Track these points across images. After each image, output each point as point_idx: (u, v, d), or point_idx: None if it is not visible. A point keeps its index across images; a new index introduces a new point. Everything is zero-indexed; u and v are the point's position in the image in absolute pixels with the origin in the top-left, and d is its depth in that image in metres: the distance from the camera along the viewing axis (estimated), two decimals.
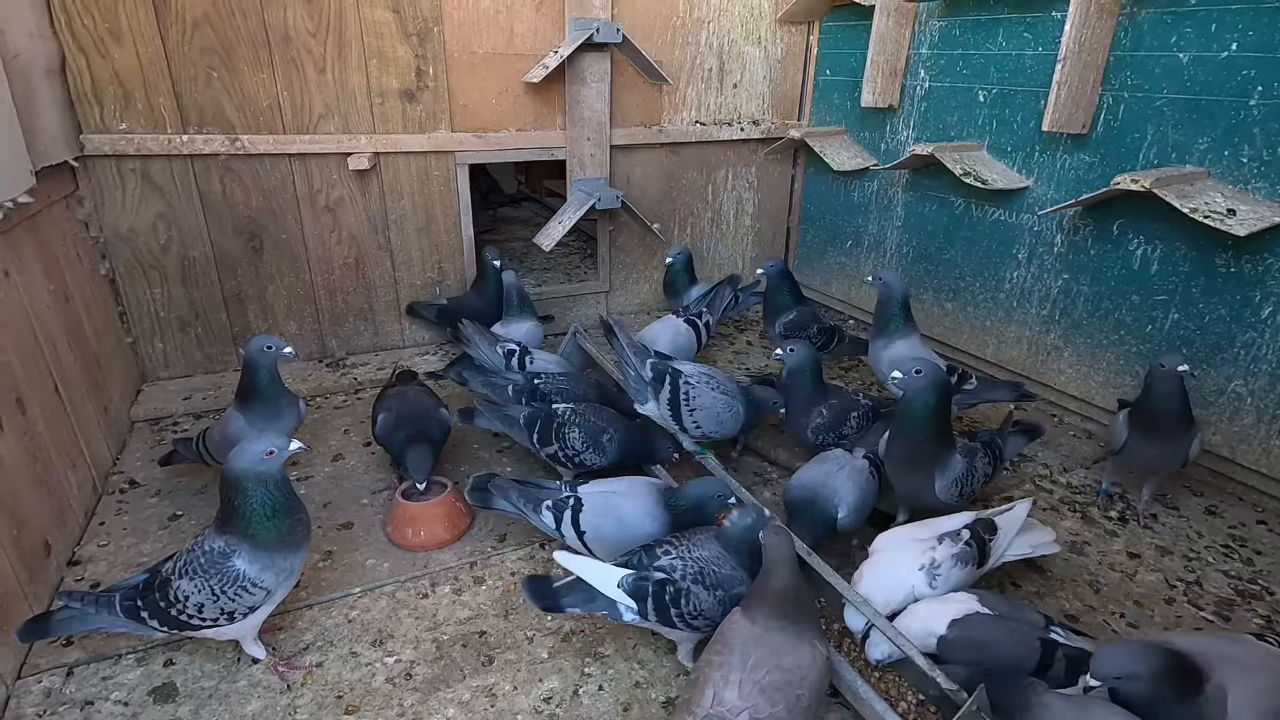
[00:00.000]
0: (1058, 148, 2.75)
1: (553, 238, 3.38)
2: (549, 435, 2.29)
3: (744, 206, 4.04)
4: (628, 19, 3.32)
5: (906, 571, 1.75)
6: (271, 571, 1.60)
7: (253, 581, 1.58)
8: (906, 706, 1.64)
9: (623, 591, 1.61)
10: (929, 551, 1.76)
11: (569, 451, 2.28)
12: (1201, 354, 2.44)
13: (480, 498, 2.03)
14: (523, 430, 2.32)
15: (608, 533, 1.92)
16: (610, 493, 1.99)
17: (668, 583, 1.61)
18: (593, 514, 1.93)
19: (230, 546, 1.58)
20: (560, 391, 2.51)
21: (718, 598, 1.62)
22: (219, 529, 1.61)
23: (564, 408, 2.34)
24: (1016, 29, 2.81)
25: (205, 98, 2.77)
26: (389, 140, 3.07)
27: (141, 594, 1.60)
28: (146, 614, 1.58)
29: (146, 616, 1.58)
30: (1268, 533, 2.28)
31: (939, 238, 3.31)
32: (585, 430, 2.27)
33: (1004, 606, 1.66)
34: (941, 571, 1.74)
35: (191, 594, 1.56)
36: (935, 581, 1.73)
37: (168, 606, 1.57)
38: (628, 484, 2.03)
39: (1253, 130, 2.22)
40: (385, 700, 1.65)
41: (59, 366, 2.21)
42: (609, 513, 1.93)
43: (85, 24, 2.53)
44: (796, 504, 2.08)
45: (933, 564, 1.74)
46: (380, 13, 2.91)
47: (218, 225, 2.94)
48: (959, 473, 2.00)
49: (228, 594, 1.57)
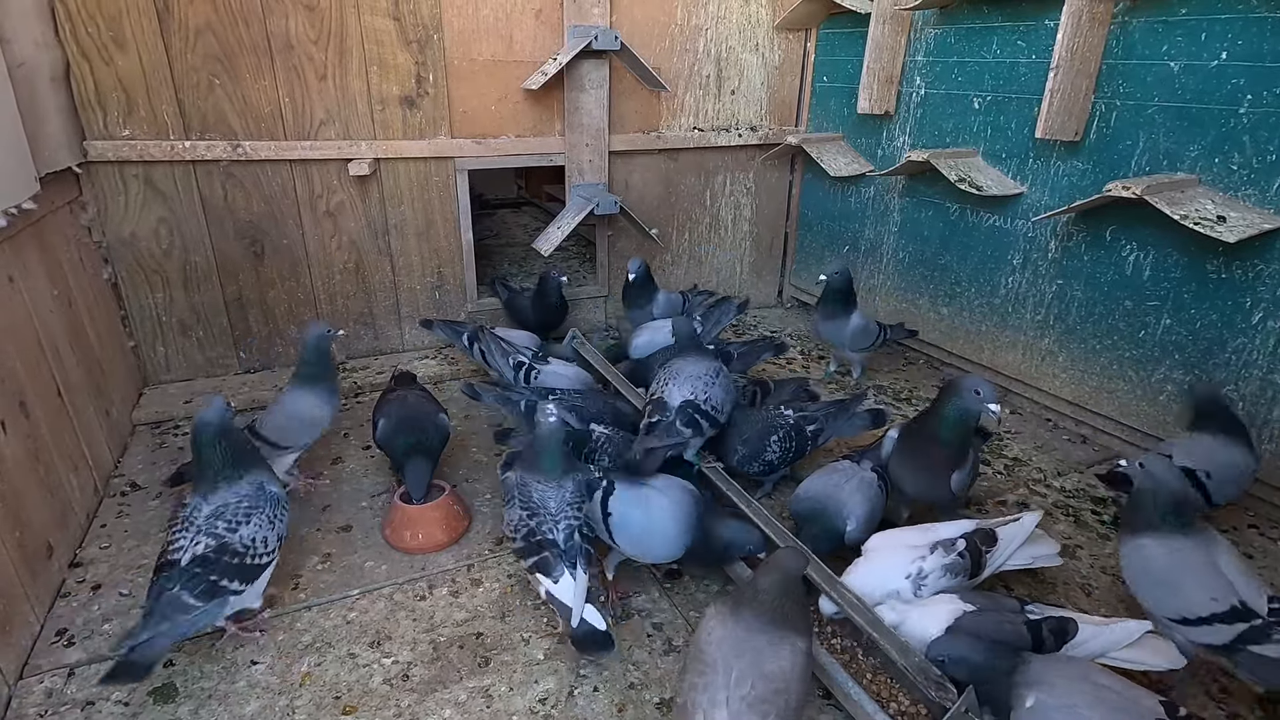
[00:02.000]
0: (1051, 154, 2.78)
1: (552, 242, 3.41)
2: (579, 457, 2.20)
3: (742, 212, 4.07)
4: (626, 26, 3.35)
5: (892, 575, 1.76)
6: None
7: (286, 498, 1.89)
8: (898, 708, 1.66)
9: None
10: (918, 561, 1.76)
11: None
12: (1193, 359, 2.46)
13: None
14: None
15: (634, 522, 1.88)
16: (645, 486, 1.96)
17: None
18: (622, 502, 1.89)
19: (258, 478, 1.83)
20: (573, 410, 2.39)
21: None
22: (236, 476, 1.78)
23: (600, 431, 2.27)
24: (1010, 37, 2.84)
25: (207, 104, 2.80)
26: (389, 146, 3.10)
27: (203, 570, 1.64)
28: (226, 580, 1.66)
29: (227, 583, 1.66)
30: (1259, 537, 2.30)
31: (935, 243, 3.33)
32: (614, 458, 2.20)
33: (982, 600, 1.68)
34: (928, 581, 1.74)
35: (256, 534, 1.74)
36: (921, 590, 1.74)
37: (243, 558, 1.70)
38: (663, 481, 2.00)
39: (1242, 138, 2.25)
40: (383, 701, 1.67)
41: (62, 370, 2.23)
42: (639, 503, 1.90)
43: (89, 32, 2.57)
44: (804, 516, 2.06)
45: (919, 574, 1.75)
46: (381, 20, 2.94)
47: (219, 230, 2.97)
48: (970, 465, 2.03)
49: (280, 517, 1.82)
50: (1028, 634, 1.58)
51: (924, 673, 1.55)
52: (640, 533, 1.88)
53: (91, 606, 1.93)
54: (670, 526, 1.88)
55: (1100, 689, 1.40)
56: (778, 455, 2.31)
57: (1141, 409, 2.63)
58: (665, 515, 1.89)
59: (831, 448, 2.70)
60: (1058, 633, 1.59)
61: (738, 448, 2.31)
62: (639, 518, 1.88)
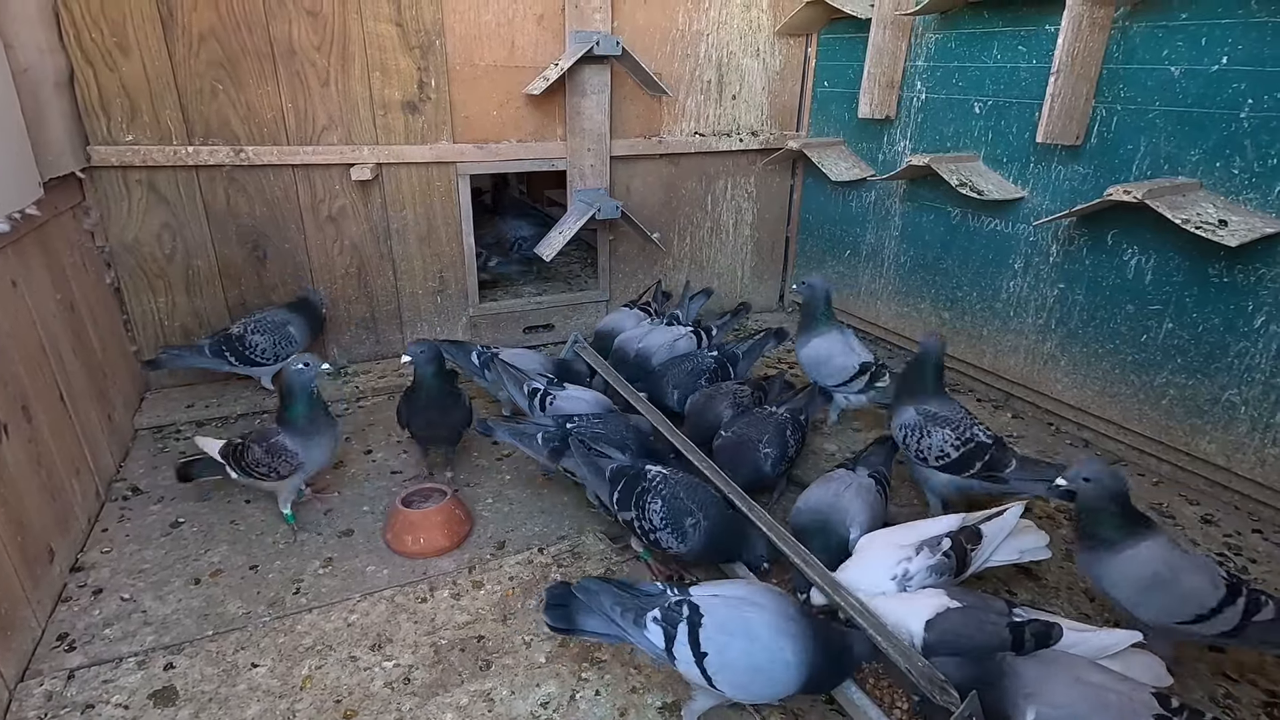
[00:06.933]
0: (1052, 159, 2.78)
1: (554, 247, 3.41)
2: (629, 499, 1.98)
3: (743, 216, 4.07)
4: (628, 32, 3.36)
5: (879, 577, 1.76)
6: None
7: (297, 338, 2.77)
8: (900, 713, 1.65)
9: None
10: (903, 562, 1.77)
11: (645, 525, 1.96)
12: (1195, 363, 2.46)
13: (560, 616, 1.58)
14: (605, 485, 2.04)
15: (735, 658, 1.47)
16: (735, 599, 1.54)
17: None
18: (716, 630, 1.48)
19: (285, 316, 2.86)
20: (595, 438, 2.22)
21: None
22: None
23: (655, 471, 2.03)
24: (1011, 42, 2.85)
25: (211, 110, 2.81)
26: (391, 151, 3.11)
27: (222, 342, 2.74)
28: (228, 352, 2.72)
29: (227, 354, 2.72)
30: (1263, 541, 2.29)
31: (936, 248, 3.34)
32: (669, 505, 1.95)
33: (970, 598, 1.67)
34: (914, 583, 1.75)
35: (259, 343, 2.75)
36: (907, 591, 1.74)
37: (241, 350, 2.75)
38: (743, 587, 1.61)
39: (1243, 142, 2.25)
40: (384, 705, 1.66)
41: (64, 375, 2.24)
42: (737, 630, 1.49)
43: (94, 38, 2.58)
44: (807, 528, 2.00)
45: (905, 575, 1.75)
46: (383, 26, 2.95)
47: (222, 235, 2.98)
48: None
49: (281, 342, 2.78)
50: (1008, 635, 1.57)
51: (928, 677, 1.54)
52: (748, 668, 1.48)
53: (93, 611, 1.93)
54: (783, 651, 1.47)
55: (1097, 690, 1.39)
56: (794, 447, 2.40)
57: (1144, 413, 2.63)
58: (770, 639, 1.48)
59: (833, 451, 2.70)
60: (1040, 636, 1.56)
61: (767, 452, 2.31)
62: (739, 652, 1.47)
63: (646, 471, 2.03)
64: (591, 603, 1.57)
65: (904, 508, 2.40)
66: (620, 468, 2.05)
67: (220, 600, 1.98)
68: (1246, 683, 1.76)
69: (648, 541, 1.99)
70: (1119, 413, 2.71)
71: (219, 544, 2.20)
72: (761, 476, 2.30)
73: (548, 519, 2.36)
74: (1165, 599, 1.61)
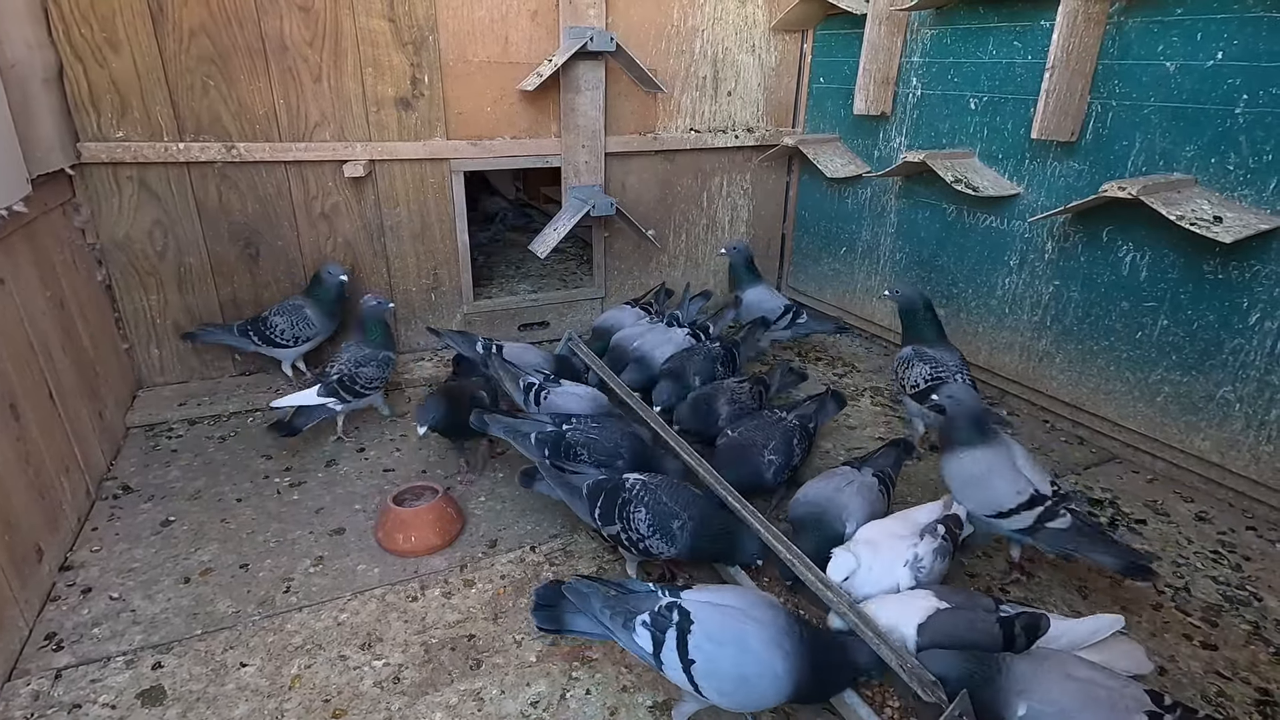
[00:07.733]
0: (1048, 155, 2.77)
1: (548, 244, 3.40)
2: (612, 512, 1.94)
3: (739, 213, 4.06)
4: (622, 27, 3.35)
5: (894, 568, 1.77)
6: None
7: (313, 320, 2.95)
8: (891, 712, 1.65)
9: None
10: (912, 547, 1.79)
11: (633, 536, 1.92)
12: (1190, 360, 2.45)
13: (549, 617, 1.60)
14: (583, 503, 2.00)
15: (723, 667, 1.45)
16: (726, 607, 1.51)
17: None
18: (705, 637, 1.46)
19: (301, 301, 2.96)
20: (589, 443, 2.19)
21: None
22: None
23: (634, 480, 2.00)
24: (1006, 38, 2.84)
25: (202, 106, 2.79)
26: (384, 148, 3.09)
27: (248, 324, 2.89)
28: (251, 332, 2.87)
29: (251, 334, 2.87)
30: (1257, 539, 2.28)
31: (931, 244, 3.33)
32: (653, 511, 1.91)
33: (958, 597, 1.67)
34: (925, 565, 1.77)
35: (278, 324, 2.90)
36: (920, 575, 1.76)
37: (263, 330, 2.89)
38: (736, 595, 1.57)
39: (1238, 138, 2.24)
40: (373, 704, 1.66)
41: (54, 373, 2.23)
42: (727, 638, 1.46)
43: (83, 33, 2.56)
44: (803, 521, 2.01)
45: (916, 559, 1.77)
46: (376, 22, 2.93)
47: (214, 232, 2.96)
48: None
49: (299, 324, 2.93)
50: (999, 632, 1.58)
51: (917, 677, 1.53)
52: (737, 678, 1.46)
53: (81, 610, 1.92)
54: (774, 662, 1.45)
55: (1087, 686, 1.40)
56: (799, 456, 2.37)
57: (1139, 410, 2.62)
58: (762, 648, 1.46)
59: (831, 450, 2.69)
60: (1029, 630, 1.59)
61: (771, 459, 2.26)
62: (730, 661, 1.45)
63: (625, 481, 2.00)
64: (581, 605, 1.57)
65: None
66: (597, 483, 2.01)
67: (210, 599, 1.97)
68: (1239, 681, 1.76)
69: (636, 551, 1.96)
70: (1114, 409, 2.70)
71: (209, 543, 2.19)
72: (761, 482, 2.26)
73: (540, 517, 2.35)
74: (978, 494, 1.94)
